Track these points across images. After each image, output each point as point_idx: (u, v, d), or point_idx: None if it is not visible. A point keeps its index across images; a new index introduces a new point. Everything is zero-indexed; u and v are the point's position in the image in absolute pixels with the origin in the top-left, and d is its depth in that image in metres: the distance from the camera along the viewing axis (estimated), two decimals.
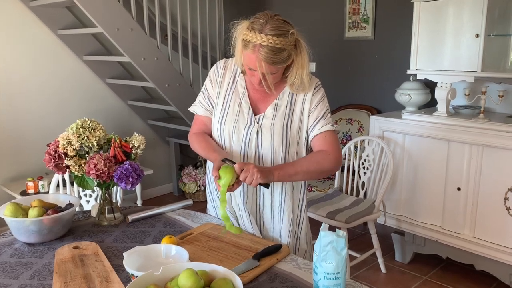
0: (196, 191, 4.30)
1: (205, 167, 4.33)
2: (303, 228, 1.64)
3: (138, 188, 3.84)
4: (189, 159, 4.63)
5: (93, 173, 1.48)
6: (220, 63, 1.62)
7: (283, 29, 1.37)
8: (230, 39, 1.47)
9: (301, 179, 1.57)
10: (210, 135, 1.62)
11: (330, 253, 1.08)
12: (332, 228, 1.18)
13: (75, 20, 3.71)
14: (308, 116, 1.53)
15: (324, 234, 1.10)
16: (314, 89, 1.54)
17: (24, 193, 3.28)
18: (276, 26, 1.36)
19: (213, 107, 1.60)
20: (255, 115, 1.53)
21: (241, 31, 1.41)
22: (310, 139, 1.55)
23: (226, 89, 1.58)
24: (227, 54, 4.42)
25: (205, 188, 4.27)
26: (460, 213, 2.69)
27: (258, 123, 1.52)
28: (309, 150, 1.59)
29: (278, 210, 1.58)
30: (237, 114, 1.54)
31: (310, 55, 1.46)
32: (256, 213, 1.59)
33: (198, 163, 4.45)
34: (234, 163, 1.40)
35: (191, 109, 1.68)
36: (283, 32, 1.37)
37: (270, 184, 1.46)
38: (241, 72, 1.58)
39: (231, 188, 1.39)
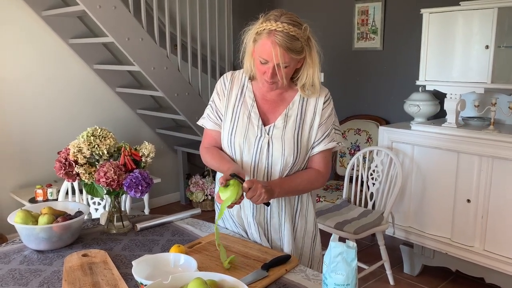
0: (203, 200, 4.30)
1: (213, 177, 4.34)
2: (297, 235, 1.63)
3: (145, 196, 3.84)
4: (197, 168, 4.64)
5: (103, 181, 1.49)
6: (227, 75, 1.62)
7: (298, 21, 1.41)
8: (240, 46, 1.49)
9: (292, 195, 1.59)
10: (220, 149, 1.62)
11: (340, 264, 1.07)
12: (341, 239, 1.18)
13: (86, 30, 3.76)
14: (318, 128, 1.53)
15: (334, 245, 1.09)
16: (325, 102, 1.54)
17: (32, 200, 3.30)
18: (291, 18, 1.40)
19: (221, 120, 1.60)
20: (264, 125, 1.53)
21: (253, 30, 1.43)
22: (312, 153, 1.56)
23: (234, 101, 1.58)
24: (236, 63, 4.44)
25: (212, 198, 4.26)
26: (470, 226, 2.66)
27: (268, 134, 1.52)
28: None
29: (290, 219, 1.58)
30: (246, 126, 1.53)
31: (320, 55, 1.48)
32: (264, 224, 1.59)
33: (206, 172, 4.45)
34: (243, 180, 1.38)
35: (199, 122, 1.67)
36: (298, 24, 1.40)
37: (270, 202, 1.46)
38: (249, 79, 1.58)
39: (231, 204, 1.38)
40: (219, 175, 1.61)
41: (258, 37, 1.41)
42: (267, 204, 1.43)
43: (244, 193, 1.38)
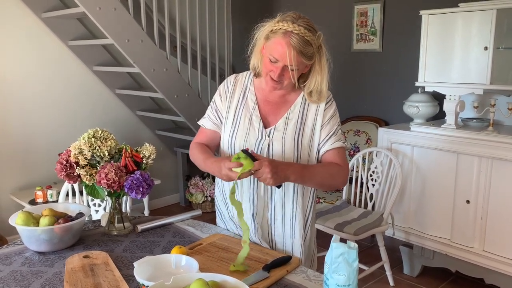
0: (203, 201, 4.30)
1: (213, 178, 4.35)
2: (306, 238, 1.63)
3: (145, 198, 3.84)
4: (196, 170, 4.61)
5: (104, 183, 1.49)
6: (230, 78, 1.63)
7: (313, 27, 1.43)
8: (250, 41, 1.49)
9: (311, 187, 1.57)
10: (212, 148, 1.62)
11: (341, 264, 1.08)
12: (341, 240, 1.18)
13: (85, 32, 3.76)
14: (321, 130, 1.53)
15: (336, 246, 1.09)
16: (327, 103, 1.54)
17: (32, 202, 3.30)
18: (307, 23, 1.42)
19: (221, 121, 1.60)
20: (265, 128, 1.53)
21: (268, 27, 1.43)
22: (321, 154, 1.55)
23: (236, 104, 1.58)
24: (235, 65, 4.45)
25: (212, 199, 4.26)
26: (470, 226, 2.66)
27: (269, 136, 1.52)
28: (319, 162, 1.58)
29: (290, 224, 1.57)
30: (247, 128, 1.54)
31: (330, 63, 1.48)
32: (267, 227, 1.58)
33: (205, 173, 4.45)
34: (255, 159, 1.35)
35: (200, 122, 1.67)
36: (313, 30, 1.42)
37: (282, 184, 1.44)
38: (254, 75, 1.58)
39: (241, 175, 1.35)
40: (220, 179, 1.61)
41: (272, 35, 1.41)
42: (278, 186, 1.43)
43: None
